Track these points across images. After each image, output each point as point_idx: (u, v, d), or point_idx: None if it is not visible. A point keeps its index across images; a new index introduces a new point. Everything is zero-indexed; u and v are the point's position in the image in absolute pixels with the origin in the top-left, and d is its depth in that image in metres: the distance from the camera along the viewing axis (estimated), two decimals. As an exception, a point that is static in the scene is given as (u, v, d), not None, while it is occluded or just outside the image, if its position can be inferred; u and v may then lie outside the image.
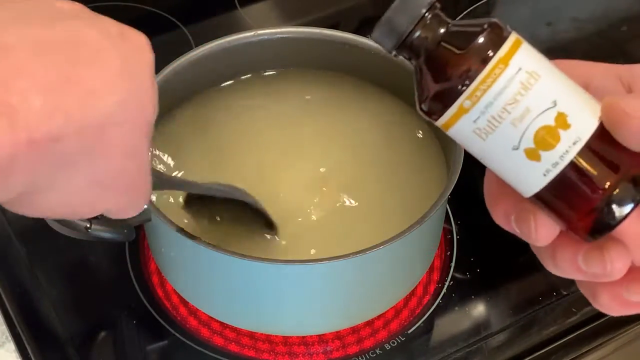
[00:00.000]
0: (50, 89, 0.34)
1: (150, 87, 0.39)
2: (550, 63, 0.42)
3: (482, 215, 0.74)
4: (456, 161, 0.61)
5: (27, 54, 0.35)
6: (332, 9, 0.94)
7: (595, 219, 0.40)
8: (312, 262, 0.57)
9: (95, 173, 0.38)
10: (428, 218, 0.58)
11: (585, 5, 0.95)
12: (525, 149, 0.40)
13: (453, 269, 0.69)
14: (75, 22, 0.38)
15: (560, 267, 0.43)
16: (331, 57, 0.71)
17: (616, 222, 0.40)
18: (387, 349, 0.65)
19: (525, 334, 0.66)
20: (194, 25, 0.90)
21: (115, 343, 0.66)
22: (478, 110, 0.40)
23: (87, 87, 0.36)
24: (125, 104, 0.37)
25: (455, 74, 0.40)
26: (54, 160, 0.36)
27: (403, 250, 0.60)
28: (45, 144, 0.34)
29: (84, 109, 0.36)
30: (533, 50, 0.41)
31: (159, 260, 0.66)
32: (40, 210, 0.39)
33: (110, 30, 0.39)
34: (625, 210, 0.40)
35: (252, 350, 0.64)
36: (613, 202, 0.40)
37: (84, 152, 0.37)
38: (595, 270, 0.41)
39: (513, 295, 0.68)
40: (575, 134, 0.40)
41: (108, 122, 0.37)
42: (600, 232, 0.41)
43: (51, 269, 0.69)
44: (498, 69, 0.40)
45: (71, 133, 0.35)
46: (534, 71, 0.40)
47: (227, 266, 0.59)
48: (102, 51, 0.37)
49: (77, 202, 0.39)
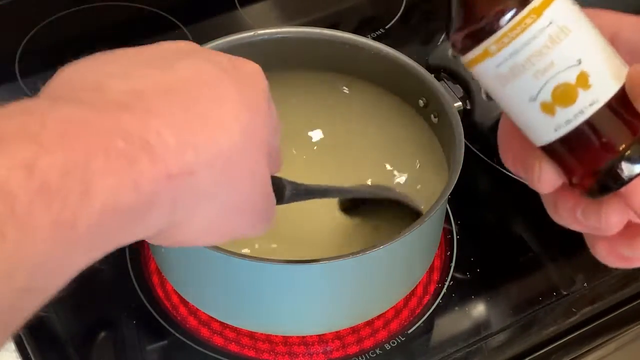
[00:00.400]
0: (180, 126, 0.36)
1: (266, 111, 0.42)
2: (584, 17, 0.41)
3: (482, 215, 0.74)
4: (456, 161, 0.61)
5: (157, 96, 0.37)
6: (332, 9, 0.94)
7: (599, 179, 0.41)
8: (312, 262, 0.57)
9: (229, 200, 0.40)
10: (428, 218, 0.58)
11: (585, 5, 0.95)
12: (541, 102, 0.40)
13: (453, 269, 0.69)
14: (192, 60, 0.40)
15: (561, 215, 0.44)
16: (331, 57, 0.71)
17: (620, 185, 0.41)
18: (387, 349, 0.65)
19: (525, 334, 0.66)
20: (194, 25, 0.90)
21: (115, 343, 0.66)
22: (502, 56, 0.40)
23: (212, 121, 0.38)
24: (247, 131, 0.39)
25: (486, 15, 0.40)
26: (190, 194, 0.37)
27: (403, 250, 0.60)
28: (181, 178, 0.36)
29: (212, 142, 0.37)
30: (568, 3, 0.41)
31: (159, 260, 0.66)
32: (181, 242, 0.40)
33: (223, 62, 0.41)
34: (634, 172, 0.40)
35: (252, 350, 0.64)
36: (622, 164, 0.40)
37: (216, 183, 0.38)
38: (592, 223, 0.42)
39: (513, 295, 0.68)
40: (594, 95, 0.40)
41: (234, 151, 0.39)
42: (601, 192, 0.41)
43: (51, 269, 0.69)
44: (529, 19, 0.40)
45: (203, 166, 0.37)
46: (565, 26, 0.40)
47: (227, 266, 0.59)
48: (220, 85, 0.39)
49: (215, 231, 0.41)
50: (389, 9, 0.93)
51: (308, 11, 0.93)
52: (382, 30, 0.91)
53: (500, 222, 0.73)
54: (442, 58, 0.70)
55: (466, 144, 0.68)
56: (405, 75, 0.69)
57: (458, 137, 0.63)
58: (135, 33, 0.89)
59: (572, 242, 0.72)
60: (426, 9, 0.94)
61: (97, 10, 0.91)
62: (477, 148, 0.78)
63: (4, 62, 0.86)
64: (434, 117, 0.68)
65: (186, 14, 0.91)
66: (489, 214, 0.74)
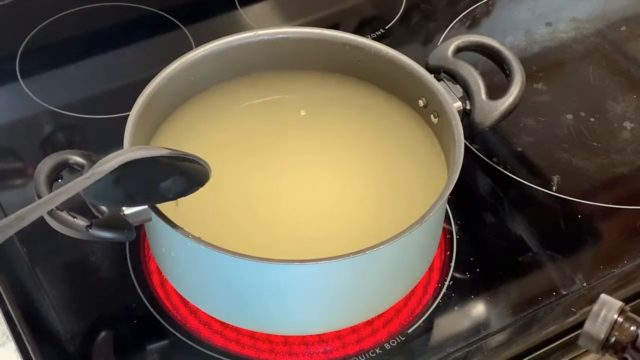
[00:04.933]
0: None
1: None
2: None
3: (482, 215, 0.74)
4: (456, 161, 0.61)
5: None
6: (332, 9, 0.94)
7: None
8: (312, 262, 0.57)
9: None
10: (428, 218, 0.58)
11: (585, 5, 0.95)
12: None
13: (453, 268, 0.69)
14: None
15: None
16: (331, 57, 0.71)
17: None
18: (387, 349, 0.65)
19: (525, 334, 0.66)
20: (194, 25, 0.90)
21: (115, 343, 0.66)
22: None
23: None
24: None
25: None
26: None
27: (403, 250, 0.60)
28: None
29: None
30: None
31: (159, 260, 0.66)
32: None
33: None
34: None
35: (252, 350, 0.64)
36: None
37: None
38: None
39: (513, 295, 0.68)
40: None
41: None
42: None
43: (51, 269, 0.70)
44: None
45: None
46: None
47: (227, 266, 0.59)
48: None
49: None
50: (389, 9, 0.93)
51: (308, 11, 0.93)
52: (382, 30, 0.91)
53: (500, 222, 0.73)
54: (442, 58, 0.70)
55: (466, 144, 0.68)
56: (405, 75, 0.69)
57: (458, 137, 0.63)
58: (135, 33, 0.89)
59: (572, 242, 0.73)
60: (426, 9, 0.94)
61: (97, 10, 0.91)
62: (477, 148, 0.78)
63: (4, 62, 0.86)
64: (433, 117, 0.68)
65: (186, 14, 0.91)
66: (489, 214, 0.74)
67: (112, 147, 0.57)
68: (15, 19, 0.91)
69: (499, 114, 0.68)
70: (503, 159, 0.77)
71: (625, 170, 0.78)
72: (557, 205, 0.74)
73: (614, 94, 0.85)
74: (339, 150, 0.69)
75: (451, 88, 0.68)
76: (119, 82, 0.85)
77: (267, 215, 0.65)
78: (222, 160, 0.68)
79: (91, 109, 0.82)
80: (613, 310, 0.52)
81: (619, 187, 0.77)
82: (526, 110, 0.81)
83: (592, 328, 0.53)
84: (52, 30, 0.89)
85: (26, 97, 0.83)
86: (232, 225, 0.64)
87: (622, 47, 0.90)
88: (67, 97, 0.83)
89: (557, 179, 0.76)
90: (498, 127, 0.75)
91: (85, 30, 0.90)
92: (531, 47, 0.89)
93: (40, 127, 0.82)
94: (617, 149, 0.79)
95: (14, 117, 0.83)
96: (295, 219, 0.65)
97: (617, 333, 0.52)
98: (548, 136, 0.80)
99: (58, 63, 0.86)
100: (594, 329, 0.53)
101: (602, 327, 0.52)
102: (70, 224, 0.56)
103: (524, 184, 0.76)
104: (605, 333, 0.52)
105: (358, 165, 0.69)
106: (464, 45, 0.71)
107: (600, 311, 0.53)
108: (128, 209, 0.58)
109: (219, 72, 0.71)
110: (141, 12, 0.91)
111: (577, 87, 0.86)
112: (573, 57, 0.89)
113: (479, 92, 0.68)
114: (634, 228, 0.73)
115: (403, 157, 0.69)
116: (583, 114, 0.82)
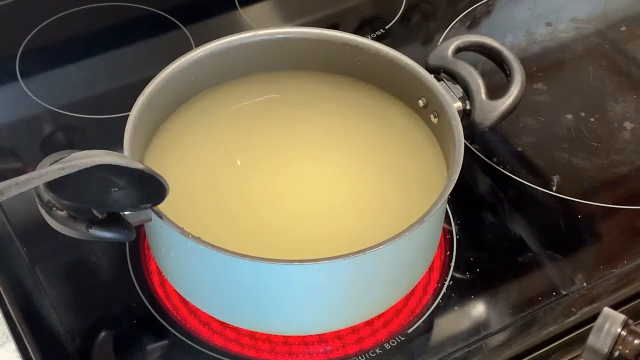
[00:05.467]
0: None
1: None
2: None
3: (482, 215, 0.74)
4: (456, 161, 0.61)
5: None
6: (332, 9, 0.94)
7: None
8: (312, 262, 0.57)
9: None
10: (428, 218, 0.58)
11: (585, 5, 0.95)
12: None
13: (453, 269, 0.69)
14: None
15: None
16: (331, 57, 0.71)
17: None
18: (387, 349, 0.65)
19: (525, 334, 0.66)
20: (194, 25, 0.90)
21: (115, 343, 0.66)
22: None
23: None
24: None
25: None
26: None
27: (403, 250, 0.60)
28: None
29: None
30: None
31: (159, 260, 0.66)
32: None
33: None
34: None
35: (252, 350, 0.64)
36: None
37: None
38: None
39: (512, 295, 0.68)
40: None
41: None
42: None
43: (51, 269, 0.70)
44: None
45: None
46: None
47: (227, 266, 0.59)
48: None
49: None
50: (389, 9, 0.94)
51: (308, 11, 0.93)
52: (382, 30, 0.91)
53: (500, 222, 0.73)
54: (442, 58, 0.70)
55: (466, 144, 0.68)
56: (405, 75, 0.69)
57: (458, 137, 0.63)
58: (135, 33, 0.89)
59: (572, 242, 0.73)
60: (426, 9, 0.94)
61: (97, 10, 0.91)
62: (477, 148, 0.78)
63: (4, 62, 0.86)
64: (433, 117, 0.68)
65: (186, 14, 0.91)
66: (489, 214, 0.74)
67: (112, 147, 0.57)
68: (15, 19, 0.91)
69: (499, 114, 0.68)
70: (503, 159, 0.77)
71: (625, 170, 0.78)
72: (557, 205, 0.74)
73: (614, 94, 0.85)
74: (338, 151, 0.69)
75: (451, 88, 0.68)
76: (119, 82, 0.85)
77: (267, 215, 0.65)
78: (222, 160, 0.68)
79: (91, 109, 0.82)
80: (616, 324, 0.52)
81: (619, 187, 0.77)
82: (526, 110, 0.81)
83: (596, 342, 0.52)
84: (52, 30, 0.89)
85: (26, 97, 0.83)
86: (232, 225, 0.64)
87: (622, 47, 0.90)
88: (67, 97, 0.83)
89: (557, 179, 0.76)
90: (498, 127, 0.75)
91: (85, 30, 0.90)
92: (531, 47, 0.89)
93: (40, 127, 0.82)
94: (617, 149, 0.79)
95: (14, 117, 0.83)
96: (295, 219, 0.65)
97: (621, 347, 0.52)
98: (548, 136, 0.80)
99: (58, 63, 0.86)
100: (597, 343, 0.52)
101: (606, 341, 0.52)
102: (70, 224, 0.56)
103: (524, 184, 0.76)
104: (609, 347, 0.52)
105: (358, 165, 0.69)
106: (464, 45, 0.71)
107: (604, 325, 0.52)
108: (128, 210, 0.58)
109: (219, 72, 0.71)
110: (141, 12, 0.91)
111: (577, 87, 0.86)
112: (573, 57, 0.89)
113: (479, 92, 0.68)
114: (634, 228, 0.73)
115: (403, 157, 0.69)
116: (583, 114, 0.82)
